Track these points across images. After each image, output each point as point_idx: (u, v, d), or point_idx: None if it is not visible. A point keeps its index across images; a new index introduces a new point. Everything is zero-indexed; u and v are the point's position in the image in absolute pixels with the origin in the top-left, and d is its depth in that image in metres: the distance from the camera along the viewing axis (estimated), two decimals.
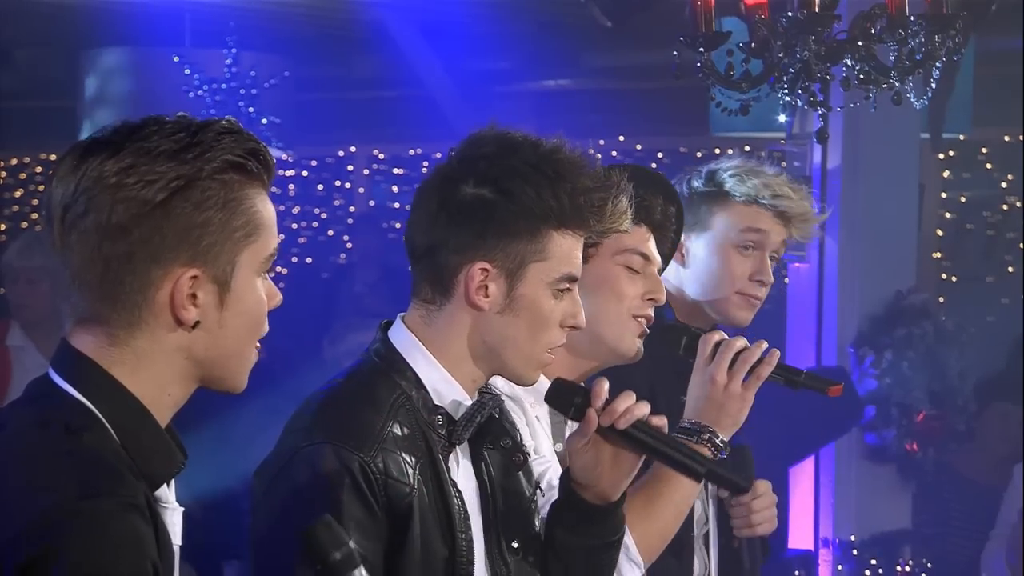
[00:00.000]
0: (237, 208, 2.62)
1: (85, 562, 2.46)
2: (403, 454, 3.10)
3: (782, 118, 6.07)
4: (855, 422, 7.26)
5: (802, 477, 7.23)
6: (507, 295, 3.24)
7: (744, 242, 4.48)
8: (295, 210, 13.29)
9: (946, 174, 12.04)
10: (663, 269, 3.97)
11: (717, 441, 3.68)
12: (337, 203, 13.38)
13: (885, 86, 5.40)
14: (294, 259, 12.69)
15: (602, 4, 7.79)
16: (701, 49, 5.29)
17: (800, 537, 7.11)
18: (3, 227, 13.98)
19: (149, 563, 2.51)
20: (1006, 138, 11.96)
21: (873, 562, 6.86)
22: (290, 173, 13.26)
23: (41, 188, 12.76)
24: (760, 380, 3.68)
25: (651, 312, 3.79)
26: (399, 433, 3.11)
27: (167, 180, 2.59)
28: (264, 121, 10.13)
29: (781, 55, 5.30)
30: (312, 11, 11.39)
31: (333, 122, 11.96)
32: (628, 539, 3.60)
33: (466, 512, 3.23)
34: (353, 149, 13.33)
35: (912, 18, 5.32)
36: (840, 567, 6.98)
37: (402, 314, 3.32)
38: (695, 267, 4.48)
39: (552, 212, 3.24)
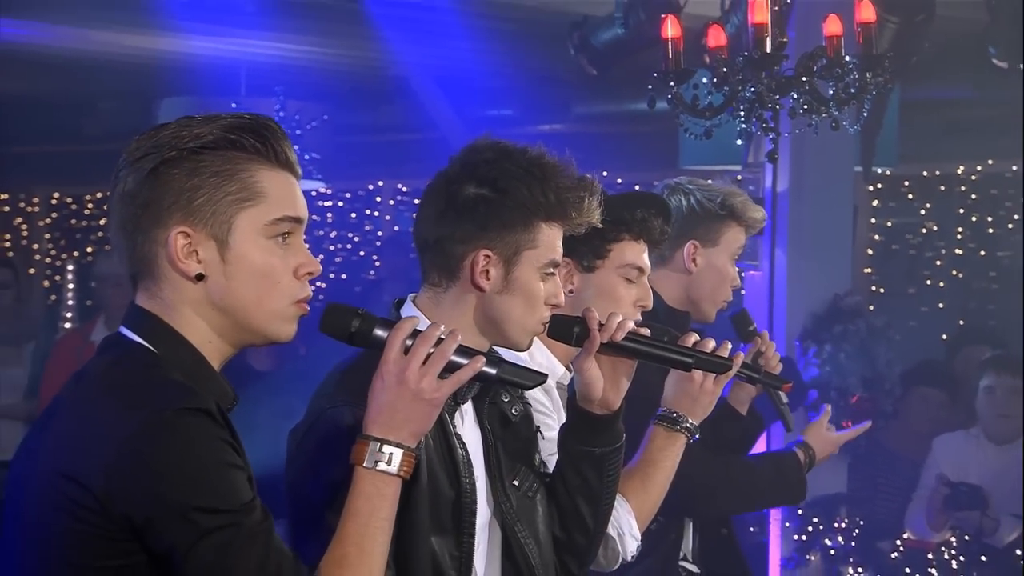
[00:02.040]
0: (232, 176, 2.62)
1: (177, 463, 2.47)
2: None
3: (739, 142, 6.05)
4: (800, 403, 7.23)
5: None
6: (505, 278, 3.24)
7: (737, 255, 4.62)
8: (332, 234, 13.33)
9: (875, 203, 12.05)
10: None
11: (689, 426, 3.67)
12: (367, 228, 13.42)
13: (825, 115, 5.42)
14: (331, 275, 12.69)
15: (589, 56, 7.75)
16: (672, 83, 5.30)
17: None
18: (91, 250, 13.99)
19: (229, 452, 2.52)
20: (924, 173, 11.97)
21: (815, 520, 6.84)
22: (328, 203, 13.35)
23: None
24: (727, 376, 3.65)
25: (639, 316, 3.84)
26: None
27: (163, 151, 2.61)
28: (307, 157, 10.11)
29: (739, 88, 5.31)
30: (347, 66, 11.40)
31: (364, 160, 11.96)
32: (629, 516, 3.63)
33: (469, 460, 3.21)
34: (381, 183, 13.40)
35: (847, 58, 5.34)
36: (788, 524, 6.97)
37: (412, 295, 3.32)
38: (704, 273, 4.57)
39: (541, 207, 3.25)
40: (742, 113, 5.43)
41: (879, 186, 11.99)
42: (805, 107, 5.45)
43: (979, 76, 8.99)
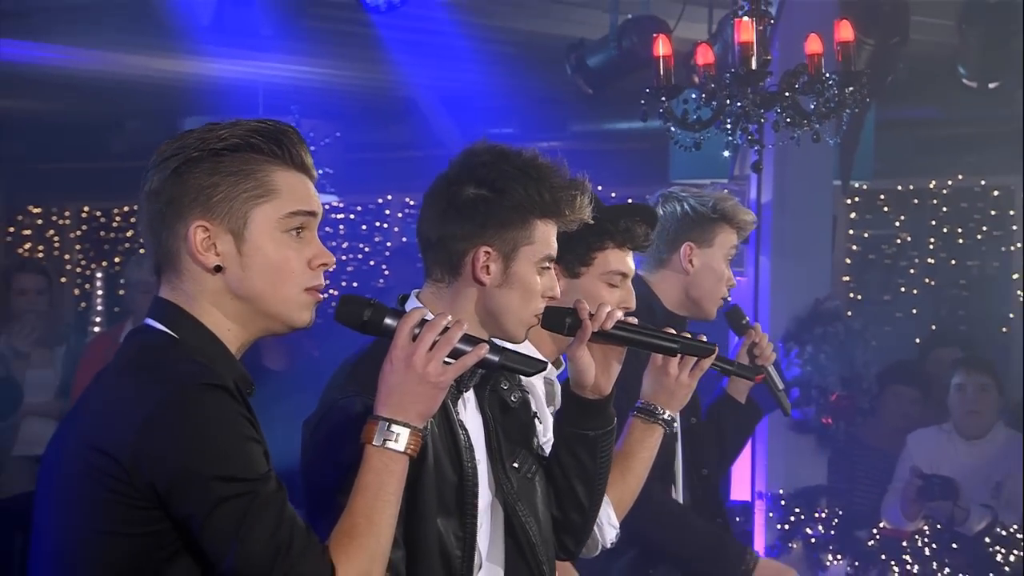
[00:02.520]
0: (249, 175, 2.64)
1: (197, 435, 2.49)
2: None
3: (726, 154, 6.06)
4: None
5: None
6: (504, 272, 3.24)
7: (731, 256, 4.60)
8: (344, 245, 13.35)
9: (853, 215, 12.06)
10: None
11: (667, 417, 3.66)
12: (377, 239, 13.45)
13: (806, 128, 5.43)
14: (343, 283, 12.71)
15: (584, 76, 7.74)
16: (663, 98, 5.32)
17: (740, 490, 7.09)
18: (118, 260, 14.06)
19: (246, 426, 2.54)
20: (899, 187, 11.99)
21: (797, 510, 6.84)
22: (340, 216, 13.37)
23: None
24: (702, 370, 3.63)
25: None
26: None
27: (187, 152, 2.63)
28: (320, 172, 10.08)
29: (726, 103, 5.32)
30: (359, 88, 11.41)
31: (374, 175, 11.97)
32: (608, 506, 3.62)
33: (471, 444, 3.21)
34: (390, 197, 13.43)
35: (827, 75, 5.35)
36: (771, 514, 6.96)
37: (416, 290, 3.32)
38: (701, 272, 4.57)
39: (537, 205, 3.26)
40: (729, 126, 5.45)
41: (856, 199, 12.00)
42: (788, 121, 5.47)
43: (948, 97, 8.99)
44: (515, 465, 3.32)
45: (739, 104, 5.38)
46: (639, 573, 4.26)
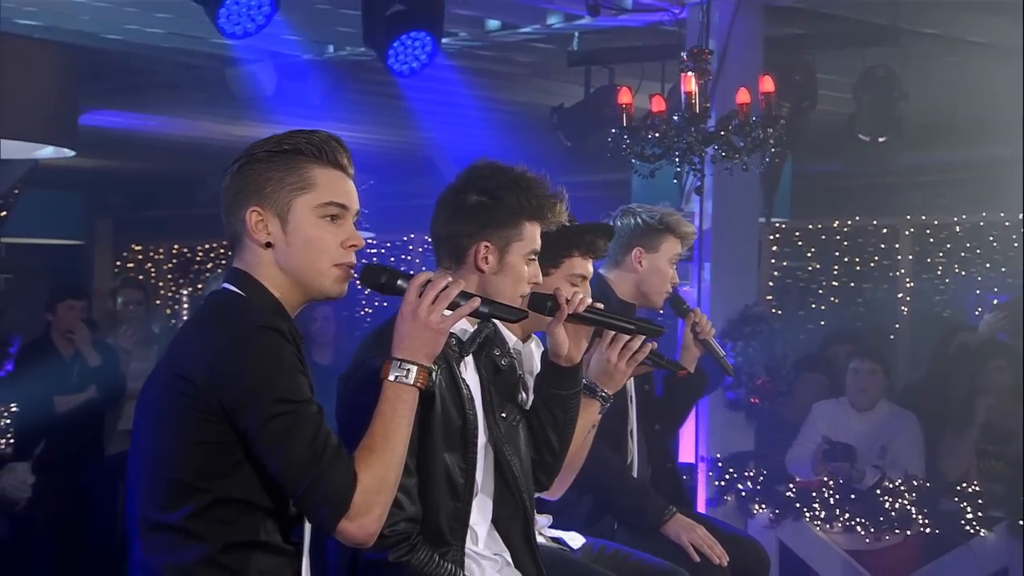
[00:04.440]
0: (294, 171, 2.65)
1: (256, 364, 2.51)
2: None
3: (675, 181, 6.04)
4: (720, 384, 7.20)
5: (689, 418, 7.17)
6: (499, 263, 3.26)
7: (675, 260, 4.54)
8: None
9: (774, 248, 12.07)
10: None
11: (604, 394, 3.62)
12: (402, 269, 13.32)
13: (737, 160, 5.43)
14: (376, 303, 12.63)
15: (564, 131, 7.74)
16: (625, 136, 5.32)
17: (687, 455, 7.06)
18: (200, 285, 14.08)
19: (295, 361, 2.54)
20: (810, 226, 12.01)
21: (731, 470, 6.81)
22: (373, 250, 13.35)
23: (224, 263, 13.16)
24: (636, 360, 3.60)
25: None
26: None
27: (251, 153, 2.67)
28: (364, 244, 10.12)
29: (674, 140, 5.33)
30: (388, 147, 11.44)
31: (400, 218, 11.91)
32: None
33: (472, 396, 3.20)
34: (412, 235, 13.37)
35: (753, 119, 5.36)
36: (711, 474, 6.94)
37: None
38: (648, 272, 4.50)
39: (526, 210, 3.26)
40: (677, 159, 5.46)
41: (777, 235, 12.02)
42: (723, 154, 5.50)
43: (847, 154, 8.96)
44: (503, 415, 3.31)
45: (685, 141, 5.40)
46: (595, 518, 4.21)
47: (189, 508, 2.52)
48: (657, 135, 5.46)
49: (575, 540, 3.86)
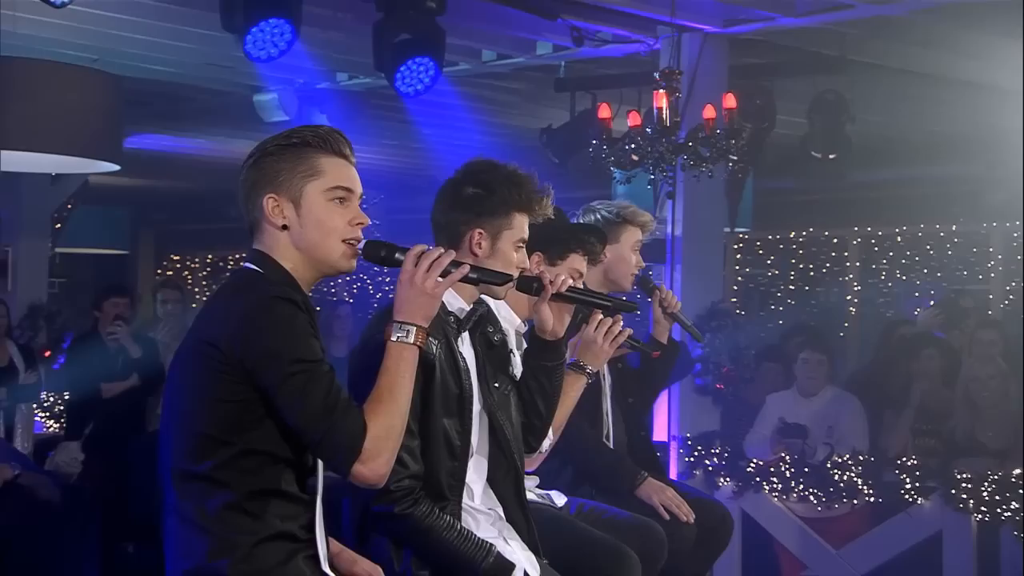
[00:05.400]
0: (303, 161, 2.64)
1: (274, 328, 2.50)
2: (430, 336, 3.02)
3: (648, 187, 6.00)
4: (690, 371, 7.20)
5: (662, 401, 7.17)
6: (491, 248, 3.22)
7: (637, 247, 4.43)
8: (387, 280, 13.06)
9: (738, 256, 12.07)
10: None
11: (590, 370, 3.62)
12: None
13: (704, 169, 5.42)
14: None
15: (552, 150, 7.73)
16: (604, 147, 5.31)
17: (660, 433, 7.06)
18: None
19: (308, 326, 2.53)
20: (770, 236, 12.03)
21: (699, 448, 6.80)
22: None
23: None
24: (617, 342, 3.61)
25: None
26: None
27: (263, 148, 2.66)
28: (369, 222, 10.08)
29: (648, 150, 5.32)
30: (397, 167, 11.42)
31: (406, 231, 11.84)
32: None
33: (468, 368, 3.18)
34: None
35: (718, 131, 5.35)
36: (681, 451, 6.92)
37: None
38: (613, 262, 4.35)
39: (516, 202, 3.23)
40: (651, 166, 5.44)
41: (741, 244, 12.03)
42: (691, 163, 5.47)
43: (803, 171, 8.96)
44: (496, 385, 3.28)
45: (657, 151, 5.39)
46: (575, 486, 4.16)
47: (216, 459, 2.51)
48: (633, 145, 5.44)
49: (559, 498, 3.86)
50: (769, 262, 12.26)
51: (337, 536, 2.90)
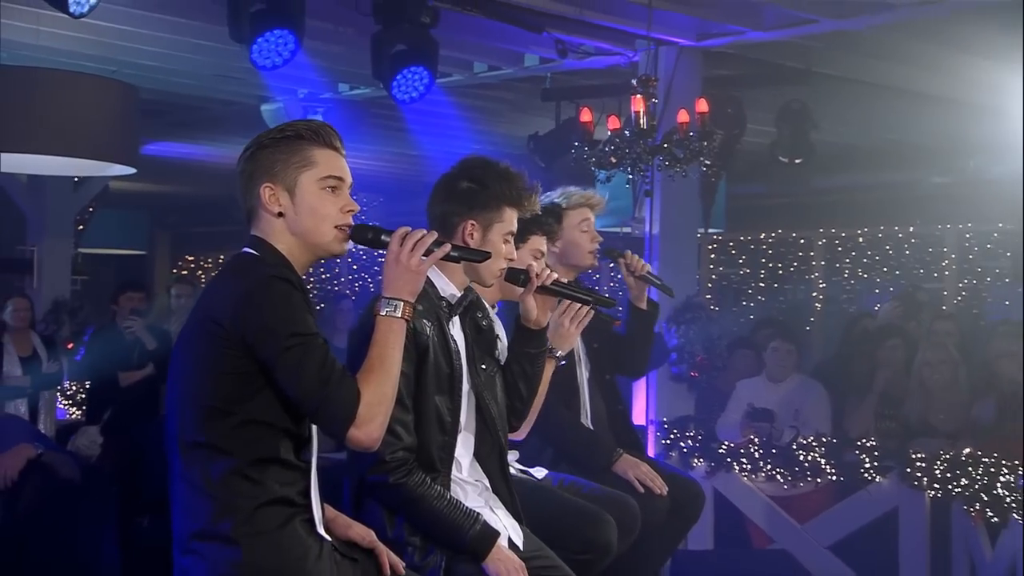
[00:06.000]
0: (297, 152, 2.63)
1: (272, 305, 2.49)
2: (424, 319, 3.07)
3: (628, 185, 5.99)
4: (666, 360, 7.20)
5: (639, 389, 7.17)
6: (482, 239, 3.22)
7: (583, 228, 4.24)
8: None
9: (712, 256, 12.08)
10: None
11: (559, 354, 3.58)
12: None
13: (678, 169, 5.40)
14: None
15: (539, 155, 7.73)
16: (586, 147, 5.30)
17: (639, 418, 7.05)
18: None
19: (303, 302, 2.53)
20: (742, 237, 12.04)
21: (675, 431, 6.77)
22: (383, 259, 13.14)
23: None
24: (583, 325, 3.57)
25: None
26: (421, 308, 3.03)
27: (259, 140, 2.65)
28: (359, 209, 10.05)
29: (627, 151, 5.30)
30: (396, 171, 11.39)
31: None
32: None
33: (458, 349, 3.17)
34: None
35: (691, 134, 5.34)
36: (658, 434, 6.90)
37: None
38: (564, 245, 4.19)
39: (507, 197, 3.23)
40: (629, 167, 5.43)
41: (715, 245, 12.04)
42: (667, 163, 5.45)
43: (772, 177, 8.99)
44: (483, 367, 3.28)
45: (635, 152, 5.37)
46: (555, 464, 4.14)
47: (219, 429, 2.51)
48: (612, 147, 5.43)
49: (539, 472, 3.85)
50: (741, 261, 12.27)
51: (336, 507, 2.90)
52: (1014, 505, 4.93)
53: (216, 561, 2.49)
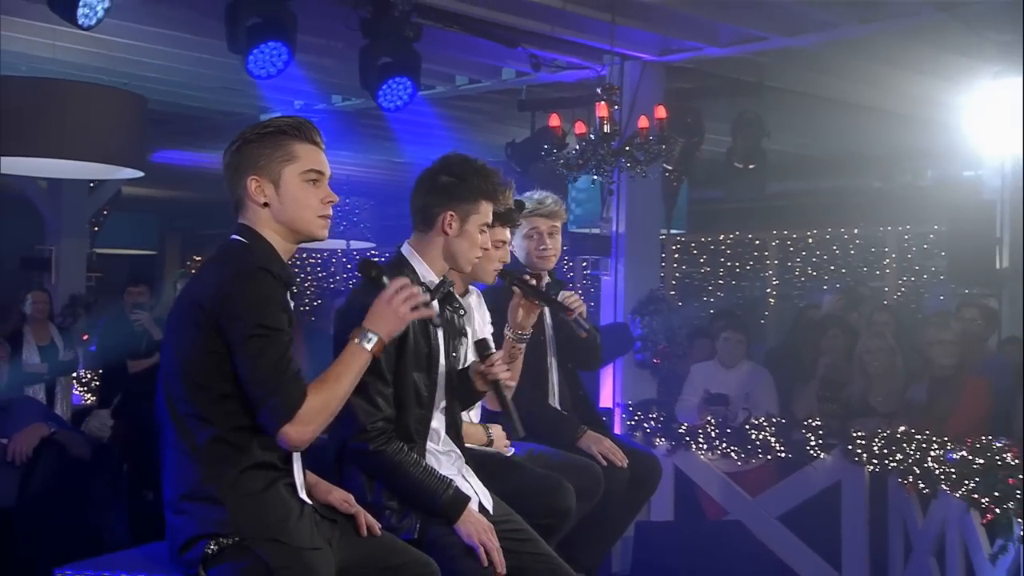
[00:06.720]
0: (280, 147, 2.61)
1: (247, 296, 2.47)
2: None
3: (592, 184, 5.97)
4: (631, 348, 7.19)
5: (606, 375, 7.17)
6: (460, 230, 3.19)
7: (531, 234, 4.11)
8: None
9: (676, 256, 12.08)
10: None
11: (524, 338, 3.60)
12: None
13: (639, 170, 5.40)
14: None
15: (515, 161, 7.72)
16: (555, 150, 5.28)
17: (606, 400, 7.04)
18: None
19: (280, 297, 2.50)
20: (702, 238, 12.05)
21: (639, 413, 6.75)
22: (375, 258, 13.07)
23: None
24: (535, 315, 3.61)
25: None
26: None
27: (244, 137, 2.63)
28: (361, 225, 10.00)
29: (592, 154, 5.30)
30: (385, 176, 11.36)
31: (394, 233, 11.77)
32: None
33: (436, 332, 3.15)
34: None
35: (651, 138, 5.33)
36: (624, 416, 6.89)
37: (407, 240, 3.25)
38: (517, 247, 4.11)
39: (484, 191, 3.21)
40: (594, 168, 5.42)
41: (678, 245, 12.04)
42: (628, 165, 5.45)
43: (729, 183, 8.96)
44: (454, 355, 3.26)
45: (599, 154, 5.37)
46: (527, 438, 4.10)
47: (202, 400, 2.50)
48: (579, 150, 5.43)
49: (508, 451, 3.82)
50: (702, 260, 12.28)
51: (321, 476, 2.88)
52: (942, 477, 4.95)
53: (204, 520, 2.48)
